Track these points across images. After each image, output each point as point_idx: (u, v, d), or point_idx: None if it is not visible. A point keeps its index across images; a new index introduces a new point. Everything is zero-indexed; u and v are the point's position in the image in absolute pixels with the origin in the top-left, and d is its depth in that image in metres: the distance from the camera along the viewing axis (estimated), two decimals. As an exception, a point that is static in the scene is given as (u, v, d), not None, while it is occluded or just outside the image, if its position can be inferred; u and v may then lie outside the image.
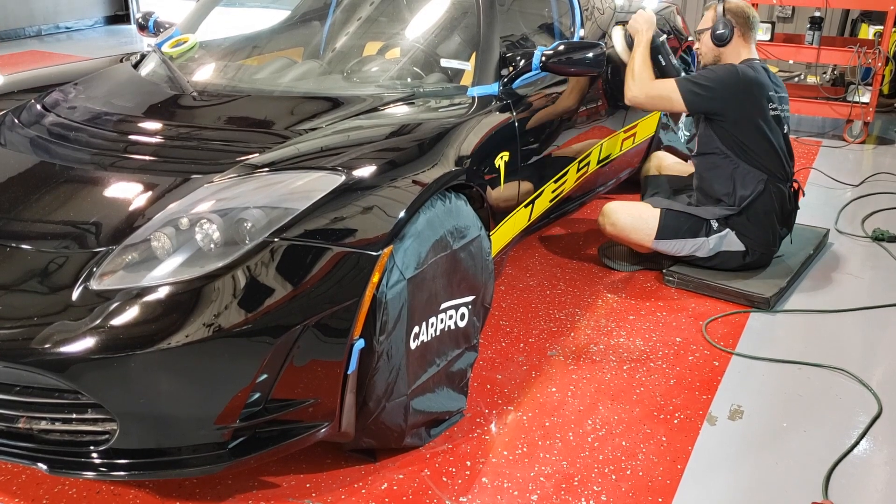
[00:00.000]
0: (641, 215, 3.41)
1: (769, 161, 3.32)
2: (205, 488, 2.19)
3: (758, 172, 3.31)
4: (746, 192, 3.31)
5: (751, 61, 3.37)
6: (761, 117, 3.30)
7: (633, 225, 3.40)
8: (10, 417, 1.96)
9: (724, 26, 3.35)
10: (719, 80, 3.29)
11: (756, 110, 3.28)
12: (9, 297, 1.95)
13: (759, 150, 3.31)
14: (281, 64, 3.14)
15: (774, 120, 3.34)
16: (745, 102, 3.27)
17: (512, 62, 2.96)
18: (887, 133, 5.80)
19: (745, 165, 3.31)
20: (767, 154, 3.32)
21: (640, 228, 3.39)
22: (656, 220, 3.37)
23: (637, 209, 3.45)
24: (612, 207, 3.46)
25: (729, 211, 3.33)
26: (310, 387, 2.00)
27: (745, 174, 3.31)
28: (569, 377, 2.74)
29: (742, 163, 3.31)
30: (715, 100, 3.28)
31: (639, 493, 2.21)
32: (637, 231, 3.40)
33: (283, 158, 2.26)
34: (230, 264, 1.92)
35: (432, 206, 2.26)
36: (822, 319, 3.18)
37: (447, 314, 2.34)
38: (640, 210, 3.44)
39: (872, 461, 2.38)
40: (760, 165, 3.31)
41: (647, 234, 3.38)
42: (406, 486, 2.21)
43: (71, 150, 2.46)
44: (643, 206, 3.48)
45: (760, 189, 3.30)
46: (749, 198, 3.30)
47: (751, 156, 3.31)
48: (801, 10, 6.95)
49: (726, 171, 3.34)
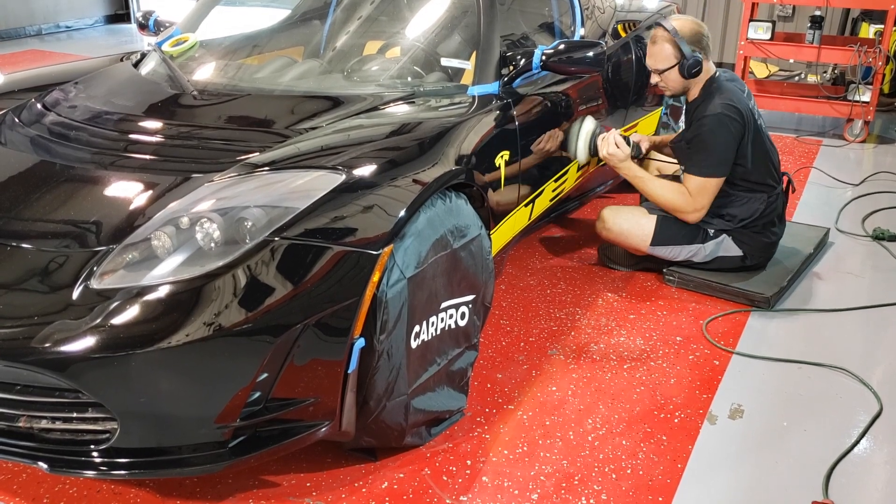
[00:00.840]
0: (638, 221, 3.38)
1: (767, 175, 3.30)
2: (205, 487, 2.19)
3: (756, 196, 3.28)
4: (746, 214, 3.29)
5: (718, 81, 3.27)
6: (757, 137, 3.26)
7: (629, 230, 3.38)
8: (10, 416, 1.96)
9: (693, 59, 3.19)
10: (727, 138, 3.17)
11: (755, 133, 3.25)
12: (9, 296, 1.95)
13: (761, 172, 3.28)
14: (281, 63, 3.14)
15: (761, 130, 3.31)
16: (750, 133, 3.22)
17: (512, 61, 2.96)
18: (888, 132, 5.80)
19: (746, 194, 3.28)
20: (766, 170, 3.29)
21: (636, 234, 3.37)
22: (652, 226, 3.34)
23: (633, 215, 3.42)
24: (608, 213, 3.44)
25: (727, 226, 3.32)
26: (310, 386, 2.00)
27: (745, 201, 3.29)
28: (569, 376, 2.74)
29: (741, 192, 3.28)
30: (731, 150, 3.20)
31: (639, 492, 2.21)
32: (633, 237, 3.38)
33: (284, 157, 2.26)
34: (230, 263, 1.92)
35: (433, 205, 2.26)
36: (823, 319, 3.18)
37: (447, 313, 2.34)
38: (637, 216, 3.41)
39: (873, 460, 2.38)
40: (759, 187, 3.29)
41: (642, 240, 3.37)
42: (406, 485, 2.22)
43: (71, 149, 2.46)
44: (639, 211, 3.44)
45: (762, 209, 3.28)
46: (748, 219, 3.29)
47: (751, 182, 3.27)
48: (802, 9, 6.95)
49: (725, 199, 3.30)
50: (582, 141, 3.37)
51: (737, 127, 3.18)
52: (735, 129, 3.18)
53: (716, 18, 7.40)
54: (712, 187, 3.24)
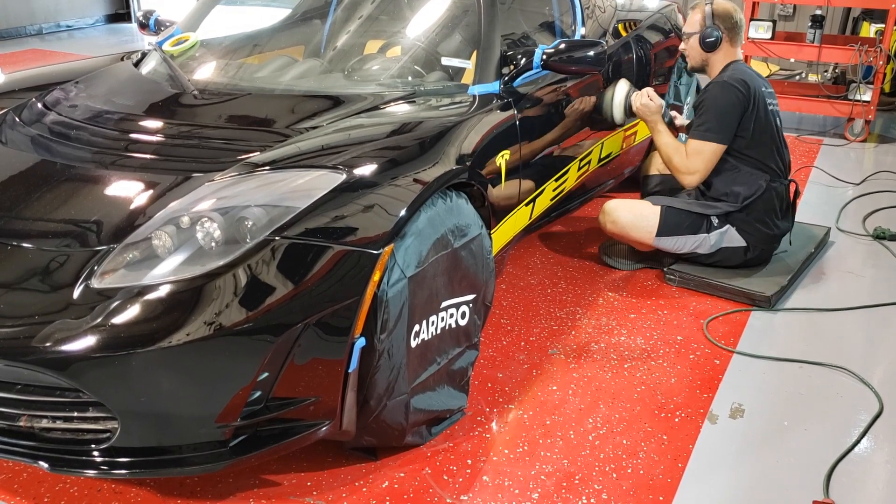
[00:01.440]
0: (642, 213, 3.40)
1: (771, 160, 3.34)
2: (206, 486, 2.19)
3: (759, 174, 3.32)
4: (748, 191, 3.31)
5: (736, 63, 3.40)
6: (765, 118, 3.31)
7: (633, 223, 3.39)
8: (11, 416, 1.96)
9: (713, 31, 3.36)
10: (727, 104, 3.27)
11: (763, 112, 3.30)
12: (10, 295, 1.95)
13: (763, 152, 3.32)
14: (282, 62, 3.14)
15: (771, 115, 3.36)
16: (756, 109, 3.28)
17: (513, 60, 2.95)
18: (888, 131, 5.80)
19: (748, 168, 3.32)
20: (770, 154, 3.33)
21: (641, 226, 3.39)
22: (657, 217, 3.36)
23: (637, 207, 3.45)
24: (612, 206, 3.46)
25: (730, 208, 3.33)
26: (311, 385, 2.00)
27: (748, 176, 3.32)
28: (570, 375, 2.74)
29: (744, 166, 3.32)
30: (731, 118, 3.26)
31: (640, 491, 2.21)
32: (638, 229, 3.39)
33: (284, 157, 2.26)
34: (231, 263, 1.92)
35: (433, 205, 2.26)
36: (824, 318, 3.18)
37: (448, 312, 2.34)
38: (641, 208, 3.43)
39: (873, 460, 2.38)
40: (763, 166, 3.32)
41: (647, 232, 3.38)
42: (407, 485, 2.22)
43: (72, 148, 2.47)
44: (643, 203, 3.47)
45: (762, 188, 3.30)
46: (751, 197, 3.30)
47: (754, 159, 3.31)
48: (803, 9, 6.94)
49: (728, 174, 3.34)
50: (618, 101, 3.57)
51: (738, 96, 3.25)
52: (736, 98, 3.25)
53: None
54: (708, 153, 3.30)
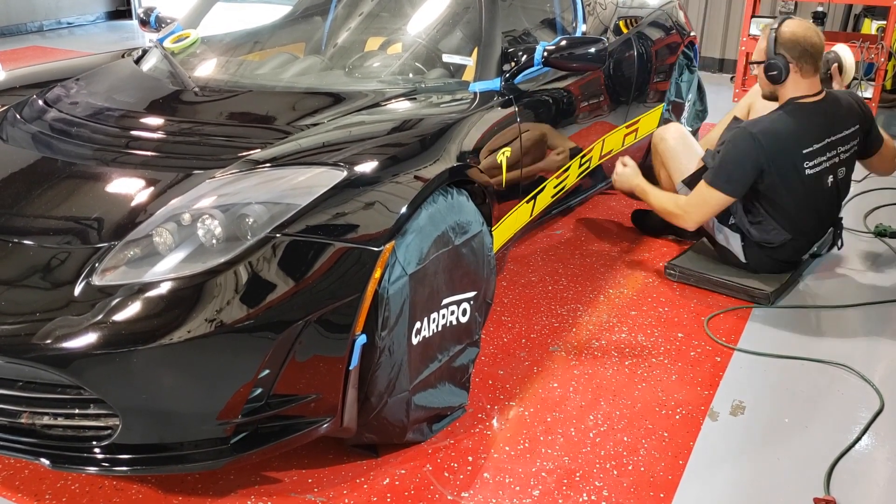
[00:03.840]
0: (689, 153, 3.50)
1: (800, 220, 3.18)
2: (207, 483, 2.20)
3: (781, 230, 3.18)
4: (768, 237, 3.23)
5: (795, 104, 3.08)
6: (794, 177, 3.10)
7: (678, 152, 3.51)
8: (12, 413, 1.96)
9: (777, 63, 3.03)
10: (742, 154, 3.06)
11: (789, 173, 3.08)
12: (11, 292, 1.96)
13: (788, 213, 3.15)
14: (283, 59, 3.14)
15: (813, 178, 3.11)
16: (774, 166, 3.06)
17: (514, 57, 2.95)
18: (890, 128, 5.78)
19: (772, 222, 3.18)
20: (798, 214, 3.17)
21: (681, 161, 3.48)
22: (694, 167, 3.43)
23: (690, 146, 3.54)
24: (673, 127, 3.62)
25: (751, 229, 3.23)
26: (312, 382, 2.00)
27: (769, 224, 3.19)
28: (570, 372, 2.74)
29: (766, 216, 3.18)
30: (749, 171, 3.07)
31: (640, 488, 2.21)
32: (676, 160, 3.51)
33: (285, 154, 2.26)
34: (232, 260, 1.92)
35: (434, 202, 2.26)
36: (825, 315, 3.18)
37: (449, 310, 2.34)
38: (693, 148, 3.53)
39: (874, 457, 2.38)
40: (788, 226, 3.18)
41: (679, 170, 3.48)
42: (408, 482, 2.22)
43: (73, 145, 2.46)
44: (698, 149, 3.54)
45: (782, 242, 3.22)
46: (770, 245, 3.24)
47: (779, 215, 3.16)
48: (804, 5, 6.93)
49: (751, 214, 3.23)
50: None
51: (749, 150, 3.04)
52: (747, 151, 3.04)
53: (718, 15, 7.38)
54: (711, 200, 3.14)
